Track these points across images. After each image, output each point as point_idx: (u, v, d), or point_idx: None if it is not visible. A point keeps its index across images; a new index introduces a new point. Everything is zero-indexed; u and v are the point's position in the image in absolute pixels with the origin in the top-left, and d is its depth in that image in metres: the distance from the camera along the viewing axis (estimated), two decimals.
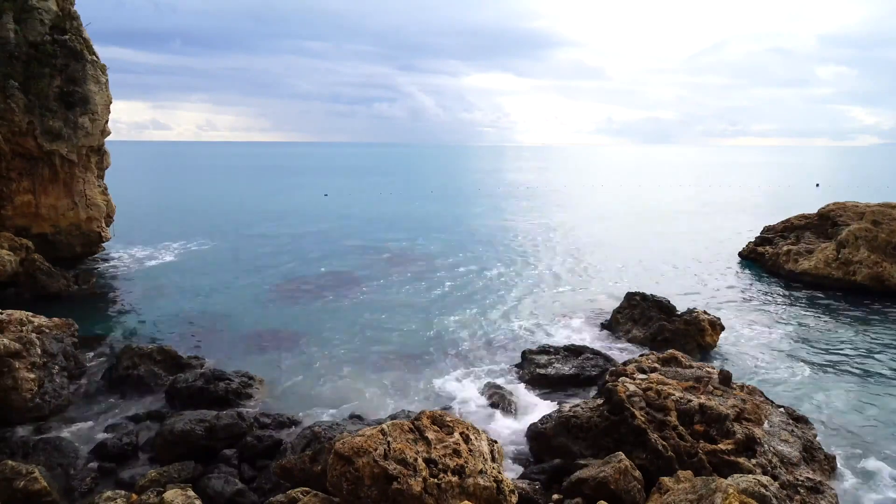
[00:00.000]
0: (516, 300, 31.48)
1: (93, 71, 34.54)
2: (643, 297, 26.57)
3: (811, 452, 14.93)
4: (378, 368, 22.25)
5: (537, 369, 20.58)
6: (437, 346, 24.66)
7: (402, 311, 29.15)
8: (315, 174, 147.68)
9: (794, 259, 35.71)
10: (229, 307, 29.60)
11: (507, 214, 67.66)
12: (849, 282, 32.50)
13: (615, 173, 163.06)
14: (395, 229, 55.19)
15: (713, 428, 14.46)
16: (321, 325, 27.01)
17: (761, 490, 11.07)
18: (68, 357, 20.57)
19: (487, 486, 11.41)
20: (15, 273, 30.51)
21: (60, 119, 33.27)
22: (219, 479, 14.01)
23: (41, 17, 33.20)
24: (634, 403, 14.97)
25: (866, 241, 32.89)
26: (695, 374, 17.22)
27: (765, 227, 42.19)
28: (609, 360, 21.31)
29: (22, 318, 19.95)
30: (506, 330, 26.75)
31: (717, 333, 24.44)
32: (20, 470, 13.32)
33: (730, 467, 13.35)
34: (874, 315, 28.59)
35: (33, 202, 34.11)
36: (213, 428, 15.87)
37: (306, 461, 13.27)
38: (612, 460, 13.42)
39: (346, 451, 11.25)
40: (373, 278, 35.75)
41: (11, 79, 31.66)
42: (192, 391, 18.67)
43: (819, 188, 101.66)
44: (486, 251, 44.79)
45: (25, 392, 17.35)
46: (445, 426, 12.37)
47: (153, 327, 26.69)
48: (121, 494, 12.64)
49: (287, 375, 21.51)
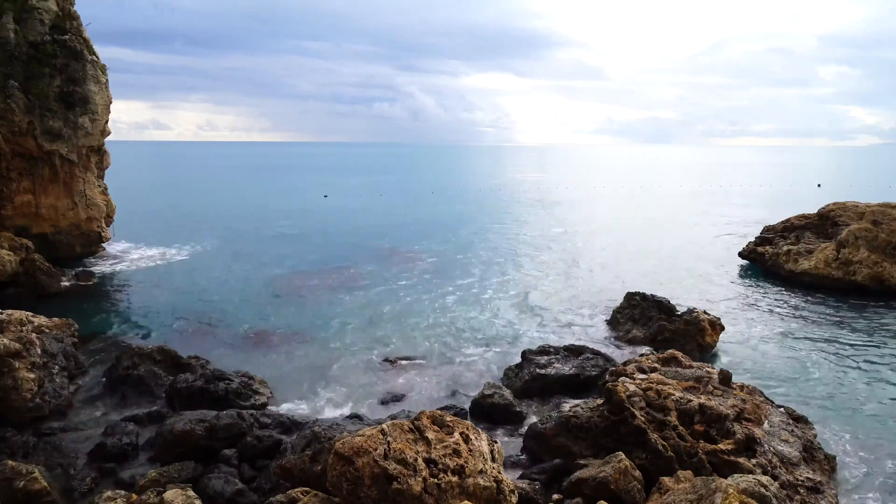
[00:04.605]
0: (516, 300, 31.49)
1: (93, 71, 34.56)
2: (643, 297, 26.58)
3: (811, 452, 14.93)
4: (378, 368, 22.26)
5: (537, 369, 20.57)
6: (437, 345, 24.67)
7: (403, 311, 29.16)
8: (315, 174, 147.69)
9: (794, 259, 35.70)
10: (229, 307, 29.61)
11: (507, 214, 67.68)
12: (849, 282, 32.49)
13: (615, 173, 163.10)
14: (396, 229, 55.20)
15: (713, 428, 14.46)
16: (321, 325, 27.02)
17: (761, 490, 11.07)
18: (68, 357, 20.58)
19: (487, 486, 11.40)
20: (15, 273, 30.52)
21: (60, 119, 33.28)
22: (219, 479, 14.00)
23: (41, 17, 33.22)
24: (634, 403, 14.96)
25: (866, 241, 32.89)
26: (695, 374, 17.22)
27: (765, 228, 42.17)
28: (609, 360, 21.30)
29: (22, 318, 19.96)
30: (506, 329, 26.75)
31: (717, 333, 24.43)
32: (20, 470, 13.32)
33: (730, 467, 13.35)
34: (874, 315, 28.58)
35: (33, 202, 34.13)
36: (213, 428, 15.86)
37: (306, 461, 13.26)
38: (612, 460, 13.42)
39: (346, 451, 11.25)
40: (373, 278, 35.76)
41: (11, 79, 31.68)
42: (192, 391, 18.66)
43: (820, 188, 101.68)
44: (487, 251, 44.80)
45: (25, 392, 17.35)
46: (445, 426, 12.36)
47: (153, 327, 26.70)
48: (121, 494, 12.62)
49: (287, 375, 21.52)
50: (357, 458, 11.11)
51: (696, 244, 47.87)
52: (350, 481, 11.02)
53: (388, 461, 11.08)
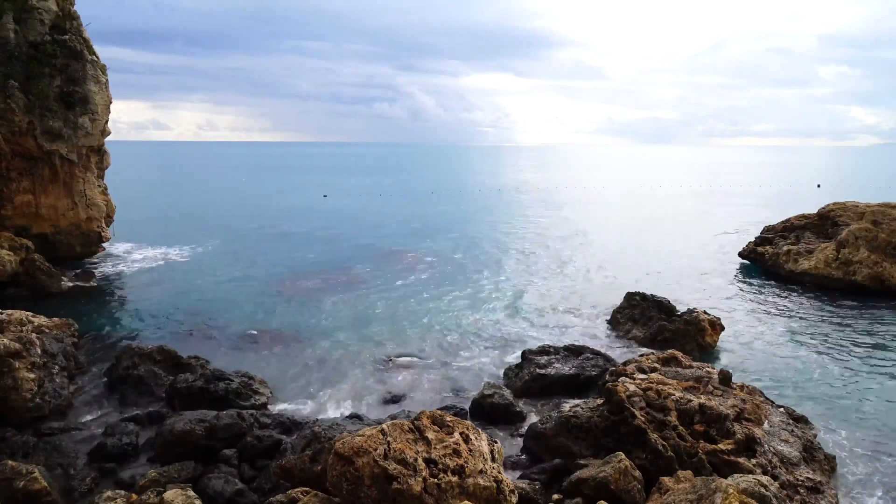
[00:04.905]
0: (516, 300, 31.48)
1: (93, 71, 34.55)
2: (643, 297, 26.58)
3: (811, 452, 14.92)
4: (378, 368, 22.27)
5: (537, 369, 20.57)
6: (437, 345, 24.67)
7: (403, 311, 29.16)
8: (315, 174, 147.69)
9: (794, 259, 35.70)
10: (230, 307, 29.60)
11: (507, 214, 67.68)
12: (849, 282, 32.49)
13: (615, 173, 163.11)
14: (396, 229, 55.21)
15: (713, 428, 14.46)
16: (321, 325, 27.02)
17: (761, 490, 11.07)
18: (68, 357, 20.58)
19: (487, 486, 11.40)
20: (15, 273, 30.52)
21: (60, 119, 33.27)
22: (219, 479, 14.01)
23: (41, 17, 33.20)
24: (634, 403, 14.96)
25: (866, 241, 32.88)
26: (695, 374, 17.22)
27: (765, 228, 42.17)
28: (609, 360, 21.30)
29: (22, 318, 19.97)
30: (506, 330, 26.75)
31: (717, 333, 24.44)
32: (20, 470, 13.32)
33: (730, 467, 13.35)
34: (874, 315, 28.58)
35: (33, 202, 34.12)
36: (213, 428, 15.86)
37: (306, 461, 13.26)
38: (612, 460, 13.42)
39: (346, 451, 11.25)
40: (373, 278, 35.77)
41: (11, 79, 31.67)
42: (192, 391, 18.66)
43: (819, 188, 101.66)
44: (486, 251, 44.81)
45: (25, 392, 17.35)
46: (445, 426, 12.36)
47: (153, 327, 26.70)
48: (121, 494, 12.63)
49: (287, 375, 21.52)
50: (357, 458, 11.11)
51: (696, 244, 47.87)
52: (350, 481, 11.02)
53: (388, 461, 11.08)
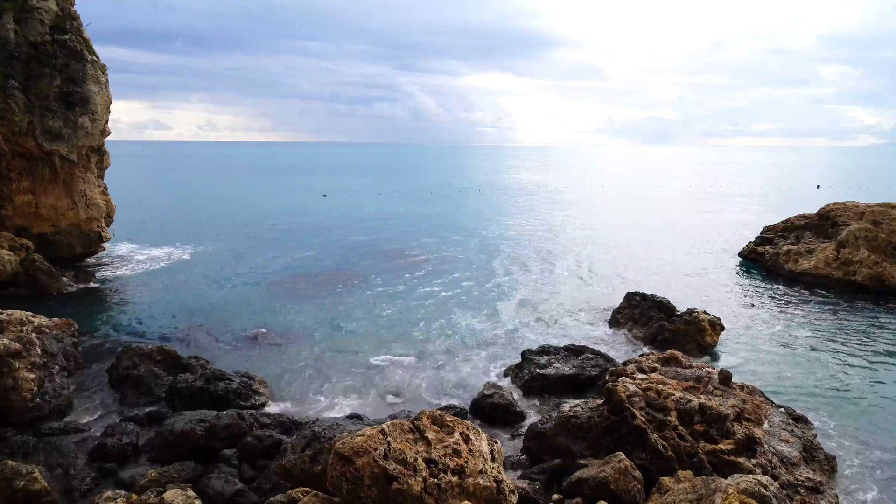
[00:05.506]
0: (516, 300, 31.48)
1: (93, 71, 34.55)
2: (643, 297, 26.58)
3: (811, 452, 14.92)
4: (378, 368, 22.26)
5: (537, 369, 20.58)
6: (437, 345, 24.67)
7: (403, 312, 29.16)
8: (315, 174, 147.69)
9: (794, 259, 35.71)
10: (229, 307, 29.61)
11: (507, 215, 67.68)
12: (849, 282, 32.49)
13: (616, 173, 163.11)
14: (396, 230, 55.22)
15: (713, 428, 14.46)
16: (321, 325, 27.02)
17: (761, 490, 11.07)
18: (68, 357, 20.57)
19: (487, 486, 11.40)
20: (15, 273, 30.53)
21: (60, 119, 33.27)
22: (219, 479, 14.01)
23: (41, 17, 33.20)
24: (634, 403, 14.96)
25: (866, 241, 32.89)
26: (695, 374, 17.22)
27: (765, 228, 42.20)
28: (609, 360, 21.30)
29: (22, 318, 19.95)
30: (506, 330, 26.75)
31: (717, 333, 24.44)
32: (20, 470, 13.32)
33: (730, 467, 13.35)
34: (874, 315, 28.58)
35: (33, 202, 34.12)
36: (213, 428, 15.87)
37: (306, 461, 13.26)
38: (612, 460, 13.41)
39: (346, 451, 11.24)
40: (373, 279, 35.77)
41: (11, 79, 31.67)
42: (192, 391, 18.66)
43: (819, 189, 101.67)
44: (487, 252, 44.80)
45: (25, 392, 17.35)
46: (445, 426, 12.36)
47: (153, 327, 26.70)
48: (121, 494, 12.63)
49: (287, 375, 21.52)
50: (357, 458, 11.11)
51: (696, 244, 47.87)
52: (350, 481, 11.02)
53: (389, 461, 11.08)
